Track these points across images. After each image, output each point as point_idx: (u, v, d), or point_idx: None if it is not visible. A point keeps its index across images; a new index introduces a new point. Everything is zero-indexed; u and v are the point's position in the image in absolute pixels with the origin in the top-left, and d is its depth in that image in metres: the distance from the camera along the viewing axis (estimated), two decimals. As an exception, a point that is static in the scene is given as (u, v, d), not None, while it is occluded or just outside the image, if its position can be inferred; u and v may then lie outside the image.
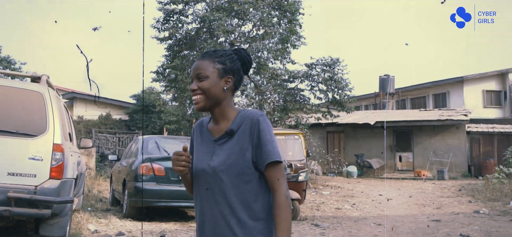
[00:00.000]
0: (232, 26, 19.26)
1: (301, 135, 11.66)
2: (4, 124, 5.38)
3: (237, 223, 2.03)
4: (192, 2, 19.51)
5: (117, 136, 23.81)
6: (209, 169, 2.07)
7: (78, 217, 8.24)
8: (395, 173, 22.54)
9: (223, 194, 2.04)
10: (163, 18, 19.64)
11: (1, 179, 5.22)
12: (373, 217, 11.16)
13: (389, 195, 15.16)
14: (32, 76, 6.50)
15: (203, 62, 2.11)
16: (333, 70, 18.43)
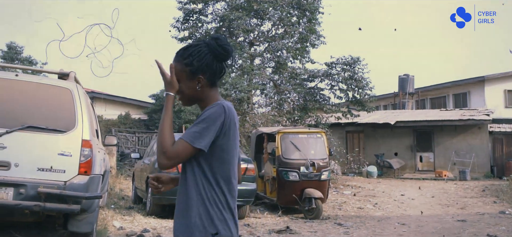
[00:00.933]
0: (251, 25, 19.25)
1: (324, 133, 11.57)
2: (34, 120, 5.41)
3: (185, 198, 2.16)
4: (211, 2, 19.56)
5: (136, 135, 23.93)
6: None
7: (103, 214, 8.27)
8: (416, 173, 22.28)
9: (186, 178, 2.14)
10: (183, 18, 19.72)
11: (32, 174, 5.24)
12: (396, 216, 11.04)
13: (411, 195, 14.98)
14: (60, 73, 6.53)
15: (175, 64, 2.15)
16: (354, 70, 18.27)
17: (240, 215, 9.85)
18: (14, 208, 5.12)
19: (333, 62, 18.57)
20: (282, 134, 10.99)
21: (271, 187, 11.25)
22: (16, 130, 5.30)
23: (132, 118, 25.88)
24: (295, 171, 10.44)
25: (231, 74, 18.51)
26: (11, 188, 5.16)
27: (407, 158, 22.84)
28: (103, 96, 25.55)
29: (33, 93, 5.68)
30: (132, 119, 25.85)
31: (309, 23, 19.41)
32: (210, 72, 2.14)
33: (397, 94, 29.56)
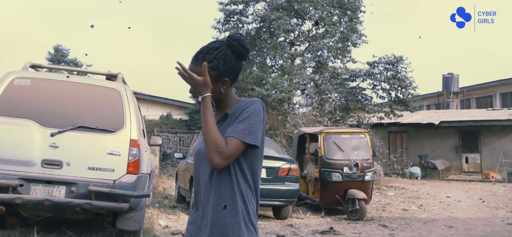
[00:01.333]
0: (292, 25, 19.20)
1: (367, 134, 11.41)
2: (84, 120, 5.56)
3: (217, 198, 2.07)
4: (252, 2, 19.61)
5: (178, 135, 24.25)
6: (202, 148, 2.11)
7: (148, 212, 8.42)
8: (461, 174, 21.68)
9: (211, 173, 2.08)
10: (223, 19, 19.86)
11: (82, 173, 5.39)
12: (442, 219, 10.76)
13: (457, 197, 14.58)
14: (108, 74, 6.69)
15: (196, 67, 2.07)
16: (396, 69, 17.95)
17: (282, 215, 9.85)
18: (66, 205, 5.28)
19: (375, 62, 18.31)
20: (325, 134, 10.90)
21: (314, 187, 11.17)
22: (68, 129, 5.46)
23: (173, 118, 26.25)
24: (338, 172, 10.34)
25: (271, 74, 18.53)
26: (63, 186, 5.32)
27: (452, 159, 22.24)
28: (145, 97, 26.01)
29: (83, 94, 5.84)
30: (173, 119, 26.22)
31: (350, 22, 19.20)
32: (234, 74, 2.14)
33: (441, 94, 28.90)
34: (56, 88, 5.83)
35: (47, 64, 7.42)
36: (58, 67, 7.14)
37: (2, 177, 5.17)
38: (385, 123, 20.59)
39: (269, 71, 18.96)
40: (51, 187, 5.30)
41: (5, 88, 5.55)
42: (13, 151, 5.35)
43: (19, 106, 5.53)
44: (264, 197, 9.18)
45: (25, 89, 5.64)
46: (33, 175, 5.29)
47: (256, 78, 17.81)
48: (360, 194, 10.12)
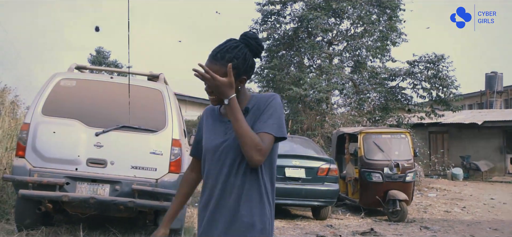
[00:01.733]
0: (330, 24, 19.06)
1: (408, 133, 11.19)
2: (127, 120, 5.66)
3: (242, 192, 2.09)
4: (289, 2, 19.58)
5: (216, 135, 24.43)
6: (222, 145, 2.12)
7: (188, 212, 8.50)
8: (506, 176, 21.00)
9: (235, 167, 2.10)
10: (261, 20, 19.90)
11: (126, 172, 5.50)
12: (487, 221, 10.46)
13: (502, 199, 14.13)
14: (150, 75, 6.81)
15: (214, 66, 2.06)
16: (437, 68, 17.56)
17: (321, 216, 9.78)
18: (110, 203, 5.40)
19: (416, 61, 17.95)
20: (365, 134, 10.77)
21: (353, 188, 11.05)
22: (112, 129, 5.58)
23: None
24: (378, 172, 10.19)
25: (309, 74, 18.45)
26: (107, 184, 5.44)
27: (496, 160, 21.56)
28: (183, 98, 26.30)
29: (126, 94, 5.95)
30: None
31: (389, 21, 18.92)
32: (251, 72, 2.17)
33: (484, 93, 28.08)
34: (100, 89, 5.97)
35: (92, 66, 7.61)
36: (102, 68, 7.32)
37: (50, 175, 5.33)
38: (426, 123, 20.13)
39: (307, 71, 18.89)
40: (96, 185, 5.44)
41: (52, 89, 5.73)
42: (60, 150, 5.51)
43: (65, 107, 5.68)
44: (303, 197, 9.17)
45: (71, 90, 5.80)
46: (78, 174, 5.43)
47: (293, 78, 17.77)
48: (401, 195, 9.95)
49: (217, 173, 2.12)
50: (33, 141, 5.45)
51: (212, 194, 2.13)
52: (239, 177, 2.09)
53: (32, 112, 5.58)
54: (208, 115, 2.30)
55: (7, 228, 6.20)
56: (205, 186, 2.19)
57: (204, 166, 2.21)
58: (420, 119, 18.44)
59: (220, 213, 2.10)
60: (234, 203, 2.08)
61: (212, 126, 2.23)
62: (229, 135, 2.12)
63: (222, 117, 2.21)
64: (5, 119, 9.13)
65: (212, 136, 2.19)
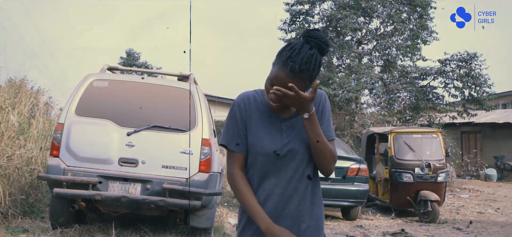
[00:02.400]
0: (359, 23, 18.89)
1: (440, 133, 11.00)
2: (158, 120, 5.74)
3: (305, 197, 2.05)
4: (318, 2, 19.49)
5: (244, 136, 24.50)
6: (283, 148, 2.01)
7: (218, 211, 8.55)
8: (543, 177, 20.44)
9: (303, 173, 2.04)
10: (289, 20, 19.86)
11: (157, 171, 5.56)
12: (522, 223, 10.20)
13: (538, 200, 13.77)
14: (180, 75, 6.88)
15: (296, 82, 1.89)
16: (470, 66, 17.19)
17: (351, 216, 9.71)
18: (141, 202, 5.47)
19: (447, 59, 17.62)
20: (395, 134, 10.64)
21: (384, 188, 10.93)
22: (143, 129, 5.66)
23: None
24: (409, 172, 10.06)
25: (338, 74, 18.32)
26: (139, 183, 5.52)
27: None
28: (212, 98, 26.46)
29: (157, 95, 6.03)
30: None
31: (420, 19, 18.63)
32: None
33: (519, 92, 27.39)
34: (131, 89, 6.06)
35: (123, 67, 7.73)
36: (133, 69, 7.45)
37: (83, 174, 5.44)
38: (458, 122, 19.73)
39: (336, 71, 18.76)
40: (128, 184, 5.52)
41: (85, 90, 5.84)
42: (92, 150, 5.62)
43: (98, 107, 5.79)
44: (333, 197, 9.10)
45: (103, 91, 5.90)
46: (111, 173, 5.52)
47: (322, 78, 17.66)
48: (433, 195, 9.79)
49: (278, 177, 2.03)
50: (67, 140, 5.57)
51: (271, 200, 2.03)
52: (303, 182, 2.04)
53: (66, 113, 5.70)
54: (251, 106, 2.07)
55: (42, 226, 6.35)
56: (259, 190, 2.05)
57: (254, 166, 2.06)
58: (452, 118, 18.09)
59: (283, 219, 2.02)
60: (297, 209, 2.03)
61: (263, 123, 2.05)
62: (289, 137, 2.02)
63: (273, 112, 2.05)
64: (39, 119, 9.34)
65: (267, 136, 2.03)
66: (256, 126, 2.04)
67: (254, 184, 2.06)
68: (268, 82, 1.97)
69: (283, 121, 2.04)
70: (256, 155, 2.03)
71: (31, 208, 6.96)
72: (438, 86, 18.23)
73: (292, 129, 2.03)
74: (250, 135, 2.04)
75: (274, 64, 1.95)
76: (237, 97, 2.09)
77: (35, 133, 8.53)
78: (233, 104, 2.09)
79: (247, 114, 2.05)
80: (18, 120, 7.82)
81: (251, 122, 2.04)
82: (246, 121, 2.05)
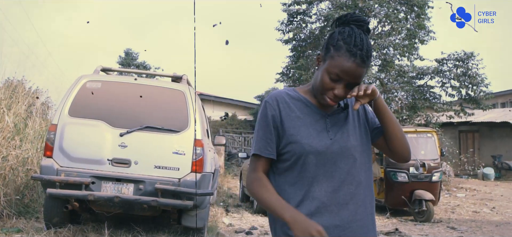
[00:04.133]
0: (356, 23, 18.88)
1: (435, 133, 11.05)
2: (151, 120, 5.79)
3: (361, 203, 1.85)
4: (315, 2, 19.52)
5: (242, 135, 24.54)
6: (332, 146, 1.80)
7: (213, 210, 8.61)
8: (540, 176, 20.47)
9: (356, 174, 1.83)
10: (287, 20, 19.89)
11: (149, 172, 5.62)
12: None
13: (534, 199, 13.81)
14: (173, 76, 6.93)
15: (363, 71, 1.77)
16: (467, 65, 17.24)
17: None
18: (134, 202, 5.52)
19: (444, 59, 17.66)
20: (390, 134, 10.66)
21: (379, 188, 10.98)
22: (136, 130, 5.71)
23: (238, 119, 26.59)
24: (404, 172, 10.10)
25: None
26: (131, 184, 5.57)
27: (530, 159, 21.04)
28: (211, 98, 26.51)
29: (150, 96, 6.08)
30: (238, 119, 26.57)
31: (417, 18, 18.66)
32: None
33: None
34: (124, 90, 6.11)
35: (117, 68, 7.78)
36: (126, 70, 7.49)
37: (76, 175, 5.50)
38: (455, 122, 19.76)
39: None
40: (120, 185, 5.57)
41: (78, 91, 5.89)
42: (85, 150, 5.67)
43: (91, 108, 5.85)
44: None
45: (96, 92, 5.95)
46: (104, 173, 5.58)
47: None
48: (427, 195, 9.83)
49: (329, 180, 1.80)
50: (60, 141, 5.63)
51: (322, 205, 1.79)
52: (355, 185, 1.83)
53: (59, 114, 5.76)
54: (287, 104, 1.86)
55: (37, 226, 6.40)
56: (308, 196, 1.79)
57: (295, 170, 1.82)
58: (449, 118, 18.14)
59: (335, 227, 1.79)
60: (353, 216, 1.82)
61: (305, 120, 1.84)
62: (337, 134, 1.83)
63: (317, 108, 1.86)
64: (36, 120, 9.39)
65: (314, 133, 1.81)
66: (298, 124, 1.82)
67: (297, 193, 1.81)
68: (325, 77, 1.77)
69: (327, 116, 1.85)
70: (300, 156, 1.79)
71: (26, 208, 7.02)
72: (435, 85, 18.26)
73: (338, 125, 1.85)
74: (291, 135, 1.81)
75: (332, 57, 1.76)
76: (267, 97, 1.89)
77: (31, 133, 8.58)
78: (264, 106, 1.88)
79: (282, 114, 1.84)
80: (14, 120, 7.87)
81: (289, 120, 1.82)
82: (283, 120, 1.83)
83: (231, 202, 11.27)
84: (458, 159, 20.18)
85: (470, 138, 22.79)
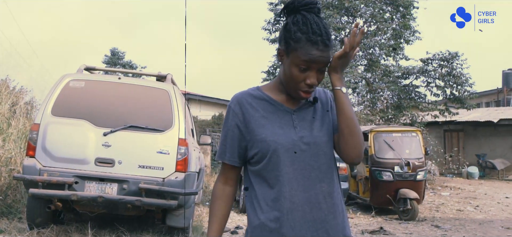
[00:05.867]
0: (342, 23, 19.02)
1: (419, 132, 11.14)
2: (135, 120, 5.76)
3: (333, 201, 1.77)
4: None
5: (229, 135, 24.47)
6: (300, 142, 1.74)
7: (198, 210, 8.59)
8: (523, 174, 20.74)
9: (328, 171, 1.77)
10: (273, 19, 19.92)
11: (133, 171, 5.59)
12: (500, 220, 10.35)
13: (517, 197, 13.99)
14: (158, 75, 6.91)
15: (329, 53, 1.72)
16: (452, 65, 17.42)
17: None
18: (118, 202, 5.49)
19: (429, 58, 17.84)
20: (375, 133, 10.75)
21: (364, 187, 11.05)
22: (120, 129, 5.67)
23: (225, 118, 26.47)
24: (389, 171, 10.17)
25: (322, 73, 18.39)
26: (115, 183, 5.54)
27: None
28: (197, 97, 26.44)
29: (134, 95, 6.05)
30: (225, 119, 26.44)
31: (403, 19, 18.82)
32: None
33: (501, 91, 27.72)
34: (108, 90, 6.08)
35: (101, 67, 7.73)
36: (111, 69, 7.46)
37: (59, 174, 5.45)
38: (441, 121, 19.94)
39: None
40: (104, 184, 5.54)
41: (61, 90, 5.84)
42: (69, 150, 5.62)
43: (74, 107, 5.79)
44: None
45: (79, 91, 5.90)
46: (87, 173, 5.54)
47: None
48: (412, 193, 9.92)
49: (299, 178, 1.73)
50: (43, 141, 5.57)
51: (293, 206, 1.72)
52: (327, 182, 1.77)
53: (42, 113, 5.70)
54: (251, 105, 1.80)
55: (20, 226, 6.34)
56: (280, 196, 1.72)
57: (266, 171, 1.75)
58: (434, 117, 18.32)
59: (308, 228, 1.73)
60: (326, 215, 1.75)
61: (270, 118, 1.78)
62: (304, 130, 1.77)
63: (282, 105, 1.81)
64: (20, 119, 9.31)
65: (280, 131, 1.75)
66: (262, 123, 1.76)
67: (270, 192, 1.75)
68: (294, 70, 1.72)
69: (293, 113, 1.79)
70: (269, 155, 1.73)
71: (8, 208, 6.95)
72: (420, 85, 18.45)
73: (305, 121, 1.79)
74: (257, 134, 1.75)
75: (295, 50, 1.71)
76: (230, 101, 1.83)
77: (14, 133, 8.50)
78: (227, 110, 1.84)
79: (246, 116, 1.78)
80: (-4, 120, 7.79)
81: (254, 121, 1.77)
82: (247, 123, 1.78)
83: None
84: (443, 158, 20.36)
85: (455, 137, 23.01)
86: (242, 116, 1.78)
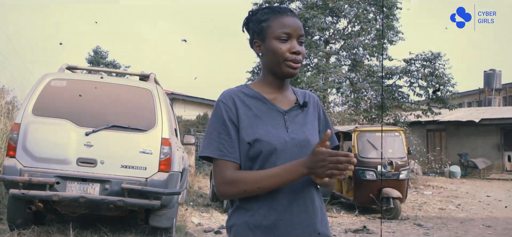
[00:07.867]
0: (326, 23, 19.10)
1: (402, 131, 11.24)
2: (117, 119, 5.72)
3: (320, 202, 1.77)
4: (287, 1, 19.60)
5: (214, 135, 24.39)
6: (291, 143, 1.71)
7: (182, 210, 8.56)
8: (503, 173, 21.02)
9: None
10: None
11: (116, 171, 5.54)
12: (481, 218, 10.49)
13: (498, 196, 14.16)
14: (141, 75, 6.86)
15: (299, 21, 1.76)
16: (434, 66, 17.60)
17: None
18: (100, 202, 5.45)
19: (412, 59, 18.01)
20: (359, 132, 10.81)
21: (348, 186, 11.10)
22: (102, 129, 5.62)
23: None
24: (372, 170, 10.24)
25: (306, 73, 18.48)
26: (97, 183, 5.49)
27: (494, 157, 21.59)
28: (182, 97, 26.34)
29: (117, 94, 6.00)
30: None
31: (386, 19, 18.95)
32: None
33: (483, 91, 28.10)
34: (90, 89, 6.01)
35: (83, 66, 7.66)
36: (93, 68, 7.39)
37: (40, 175, 5.38)
38: (423, 121, 20.15)
39: (303, 70, 18.92)
40: (86, 185, 5.48)
41: (42, 90, 5.77)
42: (50, 150, 5.55)
43: (55, 107, 5.73)
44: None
45: (61, 90, 5.84)
46: (69, 173, 5.48)
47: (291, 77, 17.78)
48: (395, 192, 10.00)
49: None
50: (24, 141, 5.50)
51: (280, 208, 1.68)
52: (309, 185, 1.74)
53: (23, 113, 5.63)
54: (244, 102, 1.75)
55: (0, 227, 6.25)
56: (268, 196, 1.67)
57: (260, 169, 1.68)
58: (417, 117, 18.49)
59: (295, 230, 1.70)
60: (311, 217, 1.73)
61: (262, 117, 1.74)
62: (296, 131, 1.75)
63: (273, 105, 1.77)
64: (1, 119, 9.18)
65: (273, 130, 1.71)
66: (256, 122, 1.71)
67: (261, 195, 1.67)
68: (276, 44, 1.71)
69: (285, 113, 1.76)
70: (261, 155, 1.68)
71: (-12, 209, 6.85)
72: (403, 85, 18.60)
73: (296, 123, 1.77)
74: (248, 134, 1.69)
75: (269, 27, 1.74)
76: (221, 96, 1.75)
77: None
78: (217, 105, 1.74)
79: (240, 113, 1.71)
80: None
81: (247, 119, 1.71)
82: (239, 120, 1.71)
83: (201, 201, 11.23)
84: (425, 157, 20.57)
85: (438, 137, 23.25)
86: (235, 112, 1.71)
